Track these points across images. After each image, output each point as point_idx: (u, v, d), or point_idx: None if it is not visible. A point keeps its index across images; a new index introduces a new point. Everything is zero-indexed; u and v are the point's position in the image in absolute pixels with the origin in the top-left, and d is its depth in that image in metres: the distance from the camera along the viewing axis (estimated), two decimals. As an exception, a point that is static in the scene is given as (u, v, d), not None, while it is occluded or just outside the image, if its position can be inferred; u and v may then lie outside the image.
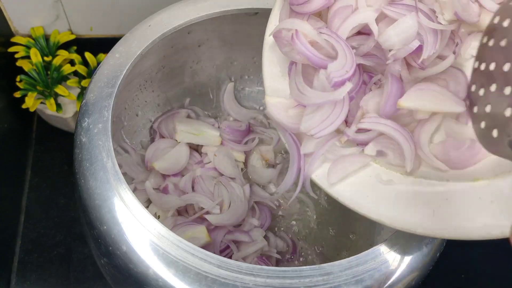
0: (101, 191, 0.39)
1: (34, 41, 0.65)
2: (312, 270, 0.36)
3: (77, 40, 0.67)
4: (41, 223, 0.66)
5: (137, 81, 0.55)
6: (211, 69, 0.61)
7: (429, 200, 0.36)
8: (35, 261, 0.64)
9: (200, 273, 0.35)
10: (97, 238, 0.38)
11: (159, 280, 0.35)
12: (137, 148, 0.58)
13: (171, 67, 0.57)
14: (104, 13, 0.64)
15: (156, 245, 0.36)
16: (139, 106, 0.58)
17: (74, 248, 0.65)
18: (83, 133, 0.42)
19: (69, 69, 0.65)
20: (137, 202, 0.38)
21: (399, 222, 0.36)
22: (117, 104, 0.44)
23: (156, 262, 0.36)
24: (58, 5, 0.63)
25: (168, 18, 0.49)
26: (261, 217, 0.55)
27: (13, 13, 0.64)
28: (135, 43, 0.47)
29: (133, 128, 0.58)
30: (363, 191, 0.38)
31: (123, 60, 0.46)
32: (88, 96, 0.44)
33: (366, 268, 0.36)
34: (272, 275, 0.35)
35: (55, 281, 0.63)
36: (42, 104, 0.67)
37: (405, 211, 0.36)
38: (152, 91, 0.58)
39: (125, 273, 0.37)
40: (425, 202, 0.36)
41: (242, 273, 0.35)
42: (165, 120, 0.59)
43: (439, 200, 0.36)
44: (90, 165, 0.40)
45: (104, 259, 0.39)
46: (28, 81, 0.64)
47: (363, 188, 0.38)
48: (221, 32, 0.56)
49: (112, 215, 0.38)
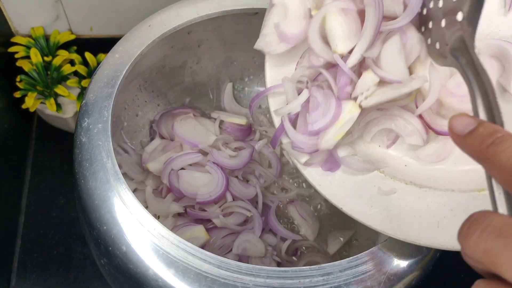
0: (101, 191, 0.39)
1: (34, 41, 0.65)
2: (312, 270, 0.36)
3: (77, 40, 0.67)
4: (41, 223, 0.66)
5: (137, 81, 0.55)
6: (211, 69, 0.61)
7: (433, 212, 0.36)
8: (35, 261, 0.64)
9: (200, 273, 0.35)
10: (97, 239, 0.38)
11: (159, 281, 0.35)
12: (137, 148, 0.58)
13: (171, 67, 0.57)
14: (104, 13, 0.64)
15: (156, 245, 0.36)
16: (139, 106, 0.58)
17: (74, 248, 0.65)
18: (83, 133, 0.42)
19: (69, 69, 0.65)
20: (137, 202, 0.38)
21: (402, 233, 0.36)
22: (117, 104, 0.44)
23: (156, 263, 0.36)
24: (58, 5, 0.63)
25: (168, 18, 0.49)
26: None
27: (13, 13, 0.64)
28: (135, 43, 0.47)
29: (133, 128, 0.58)
30: (366, 203, 0.38)
31: (123, 60, 0.46)
32: (88, 96, 0.44)
33: (366, 268, 0.36)
34: (272, 275, 0.35)
35: (55, 281, 0.63)
36: (42, 104, 0.67)
37: (410, 222, 0.36)
38: (152, 91, 0.58)
39: (125, 273, 0.37)
40: (429, 213, 0.36)
41: (242, 273, 0.35)
42: (165, 120, 0.59)
43: (444, 212, 0.35)
44: (90, 165, 0.40)
45: (104, 259, 0.39)
46: (28, 81, 0.64)
47: (366, 199, 0.38)
48: (221, 32, 0.56)
49: (112, 216, 0.38)
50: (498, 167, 0.23)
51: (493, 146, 0.23)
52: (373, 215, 0.37)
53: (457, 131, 0.25)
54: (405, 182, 0.38)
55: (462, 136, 0.25)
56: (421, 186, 0.38)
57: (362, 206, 0.37)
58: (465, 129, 0.25)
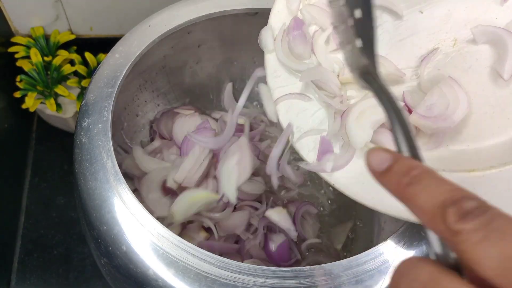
0: (101, 191, 0.39)
1: (34, 41, 0.65)
2: (312, 270, 0.36)
3: (77, 40, 0.67)
4: (41, 223, 0.66)
5: (137, 81, 0.55)
6: (211, 69, 0.61)
7: None
8: (35, 261, 0.64)
9: (200, 273, 0.35)
10: (97, 239, 0.38)
11: (159, 281, 0.35)
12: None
13: (171, 67, 0.57)
14: (104, 13, 0.64)
15: (156, 245, 0.36)
16: (139, 106, 0.58)
17: (74, 248, 0.65)
18: (83, 133, 0.42)
19: (69, 69, 0.65)
20: (137, 202, 0.38)
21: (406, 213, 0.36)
22: (117, 104, 0.44)
23: (156, 262, 0.36)
24: (58, 5, 0.63)
25: (168, 18, 0.49)
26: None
27: (13, 13, 0.64)
28: (135, 43, 0.47)
29: (133, 128, 0.58)
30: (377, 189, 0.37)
31: (123, 60, 0.46)
32: (88, 96, 0.44)
33: (366, 268, 0.36)
34: (272, 275, 0.35)
35: (55, 281, 0.63)
36: (42, 104, 0.67)
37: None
38: (152, 91, 0.58)
39: (125, 273, 0.37)
40: None
41: (242, 273, 0.35)
42: (165, 120, 0.59)
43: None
44: (90, 165, 0.40)
45: (104, 259, 0.39)
46: (28, 81, 0.64)
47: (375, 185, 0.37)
48: (221, 32, 0.56)
49: (112, 215, 0.38)
50: (419, 209, 0.22)
51: (410, 186, 0.22)
52: (382, 200, 0.37)
53: (374, 168, 0.24)
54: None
55: (379, 173, 0.24)
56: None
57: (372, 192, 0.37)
58: (381, 166, 0.24)
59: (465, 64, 0.41)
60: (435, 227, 0.21)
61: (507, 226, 0.19)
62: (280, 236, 0.52)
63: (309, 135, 0.39)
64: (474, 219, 0.20)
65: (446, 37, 0.42)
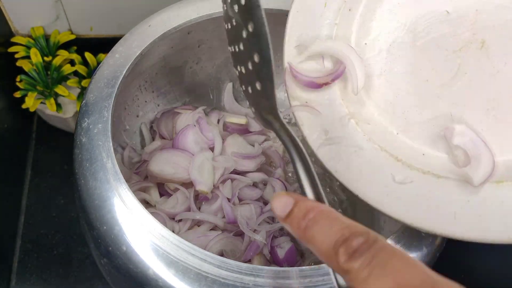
0: (101, 191, 0.39)
1: (34, 41, 0.65)
2: (312, 270, 0.36)
3: (77, 40, 0.67)
4: (41, 223, 0.66)
5: (137, 81, 0.55)
6: (211, 69, 0.61)
7: (450, 202, 0.36)
8: (35, 261, 0.64)
9: (200, 273, 0.35)
10: (97, 239, 0.38)
11: (159, 281, 0.35)
12: (137, 149, 0.58)
13: (171, 67, 0.57)
14: (104, 13, 0.64)
15: (156, 245, 0.36)
16: (139, 106, 0.58)
17: (74, 248, 0.65)
18: (83, 133, 0.42)
19: (69, 69, 0.65)
20: (137, 202, 0.38)
21: (419, 223, 0.36)
22: (117, 105, 0.44)
23: (156, 262, 0.36)
24: (58, 5, 0.63)
25: (168, 18, 0.49)
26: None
27: (13, 13, 0.64)
28: (135, 43, 0.47)
29: (133, 128, 0.58)
30: (383, 191, 0.37)
31: (123, 60, 0.46)
32: (88, 96, 0.44)
33: (366, 268, 0.36)
34: (272, 276, 0.35)
35: (55, 281, 0.63)
36: (42, 104, 0.67)
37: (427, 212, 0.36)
38: (152, 91, 0.58)
39: (125, 273, 0.37)
40: (446, 203, 0.36)
41: (242, 273, 0.35)
42: (165, 120, 0.59)
43: (462, 202, 0.35)
44: (90, 165, 0.40)
45: (104, 259, 0.39)
46: (28, 81, 0.64)
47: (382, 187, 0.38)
48: (221, 32, 0.55)
49: (112, 216, 0.38)
50: (317, 250, 0.23)
51: (308, 229, 0.23)
52: (390, 203, 0.37)
53: (278, 214, 0.25)
54: (423, 172, 0.38)
55: (283, 218, 0.24)
56: (438, 177, 0.37)
57: (379, 194, 0.37)
58: (284, 211, 0.24)
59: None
60: (332, 266, 0.22)
61: (387, 259, 0.21)
62: (286, 240, 0.52)
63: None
64: (361, 256, 0.21)
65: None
